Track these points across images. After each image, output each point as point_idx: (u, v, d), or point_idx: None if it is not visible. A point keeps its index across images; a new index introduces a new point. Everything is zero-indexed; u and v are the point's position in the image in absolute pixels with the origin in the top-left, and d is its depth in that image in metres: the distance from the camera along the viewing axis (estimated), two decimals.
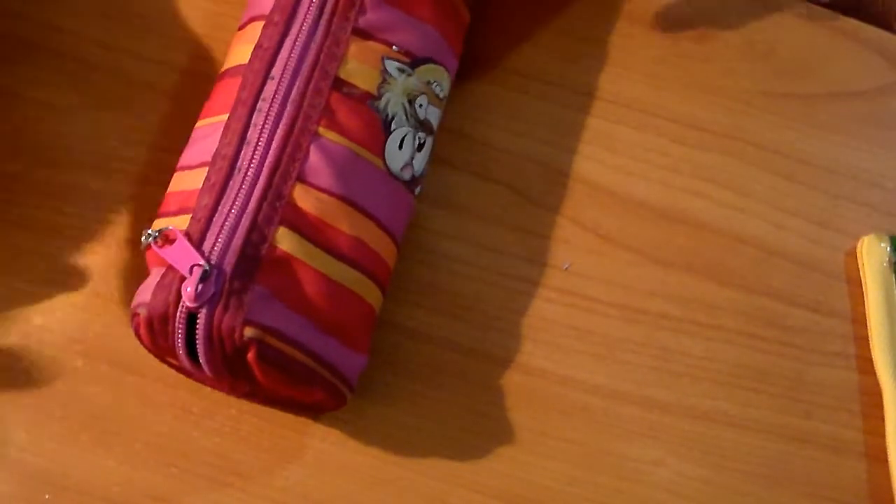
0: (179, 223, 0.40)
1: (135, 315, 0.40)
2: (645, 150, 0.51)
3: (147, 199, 0.46)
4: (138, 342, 0.41)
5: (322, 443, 0.45)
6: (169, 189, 0.42)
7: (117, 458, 0.44)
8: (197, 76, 0.49)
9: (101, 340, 0.45)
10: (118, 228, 0.47)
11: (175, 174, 0.43)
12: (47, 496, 0.43)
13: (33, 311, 0.46)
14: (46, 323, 0.45)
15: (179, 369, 0.43)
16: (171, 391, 0.45)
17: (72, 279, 0.46)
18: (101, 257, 0.46)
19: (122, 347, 0.45)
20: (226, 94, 0.42)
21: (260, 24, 0.43)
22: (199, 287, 0.37)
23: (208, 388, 0.45)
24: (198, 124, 0.43)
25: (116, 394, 0.45)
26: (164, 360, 0.43)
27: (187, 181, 0.41)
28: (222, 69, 0.44)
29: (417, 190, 0.45)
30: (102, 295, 0.46)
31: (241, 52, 0.43)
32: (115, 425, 0.44)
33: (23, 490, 0.43)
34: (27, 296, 0.46)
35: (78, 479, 0.43)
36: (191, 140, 0.43)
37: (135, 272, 0.46)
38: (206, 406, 0.45)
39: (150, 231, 0.40)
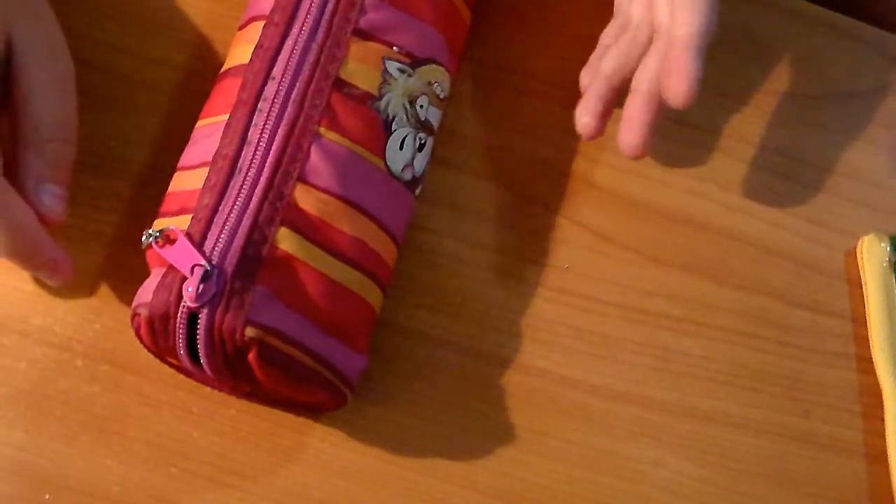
0: (180, 223, 0.40)
1: (135, 315, 0.40)
2: None
3: (147, 199, 0.46)
4: (138, 342, 0.41)
5: (322, 443, 0.45)
6: (169, 189, 0.42)
7: (117, 458, 0.44)
8: (197, 76, 0.49)
9: (101, 340, 0.45)
10: (118, 228, 0.47)
11: (175, 174, 0.43)
12: (47, 496, 0.43)
13: (33, 311, 0.45)
14: (46, 323, 0.45)
15: (180, 369, 0.43)
16: (171, 391, 0.45)
17: (72, 279, 0.46)
18: (101, 257, 0.46)
19: (122, 347, 0.45)
20: (226, 94, 0.42)
21: (260, 25, 0.43)
22: (201, 287, 0.37)
23: (208, 388, 0.45)
24: (198, 124, 0.43)
25: (116, 394, 0.45)
26: (164, 361, 0.43)
27: (188, 181, 0.41)
28: (223, 69, 0.44)
29: (418, 190, 0.45)
30: (102, 295, 0.46)
31: (241, 53, 0.43)
32: (115, 425, 0.44)
33: (23, 490, 0.43)
34: (27, 296, 0.46)
35: (78, 479, 0.43)
36: (191, 140, 0.43)
37: (135, 272, 0.46)
38: (206, 406, 0.45)
39: (150, 231, 0.40)
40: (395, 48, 0.43)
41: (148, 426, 0.44)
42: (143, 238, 0.40)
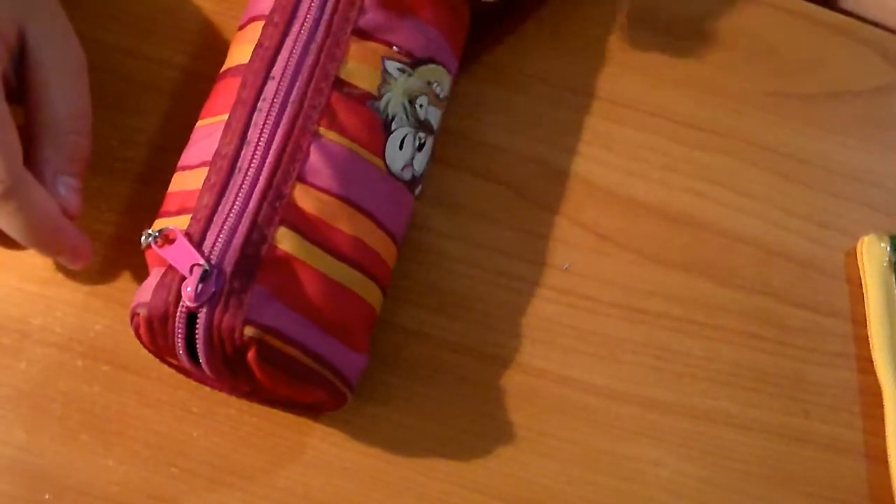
0: (180, 223, 0.39)
1: (134, 315, 0.40)
2: (645, 150, 0.51)
3: (147, 199, 0.46)
4: (138, 342, 0.41)
5: (322, 443, 0.45)
6: (169, 189, 0.42)
7: (117, 458, 0.44)
8: (197, 76, 0.49)
9: (101, 340, 0.45)
10: (118, 228, 0.47)
11: (175, 174, 0.43)
12: (47, 496, 0.43)
13: (33, 311, 0.45)
14: (46, 323, 0.45)
15: (179, 369, 0.43)
16: (171, 391, 0.45)
17: (72, 279, 0.46)
18: (101, 257, 0.46)
19: (122, 347, 0.45)
20: (226, 93, 0.42)
21: (260, 24, 0.43)
22: (199, 287, 0.37)
23: (208, 388, 0.45)
24: (198, 124, 0.43)
25: (116, 394, 0.45)
26: (163, 360, 0.43)
27: (187, 181, 0.41)
28: (222, 69, 0.44)
29: (418, 190, 0.45)
30: (102, 295, 0.46)
31: (241, 52, 0.43)
32: (115, 425, 0.44)
33: (23, 490, 0.43)
34: (27, 296, 0.46)
35: (78, 479, 0.43)
36: (191, 140, 0.43)
37: (135, 272, 0.46)
38: (206, 406, 0.45)
39: (150, 231, 0.40)
40: (394, 48, 0.43)
41: (148, 426, 0.44)
42: (143, 238, 0.40)
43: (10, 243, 0.42)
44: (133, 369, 0.45)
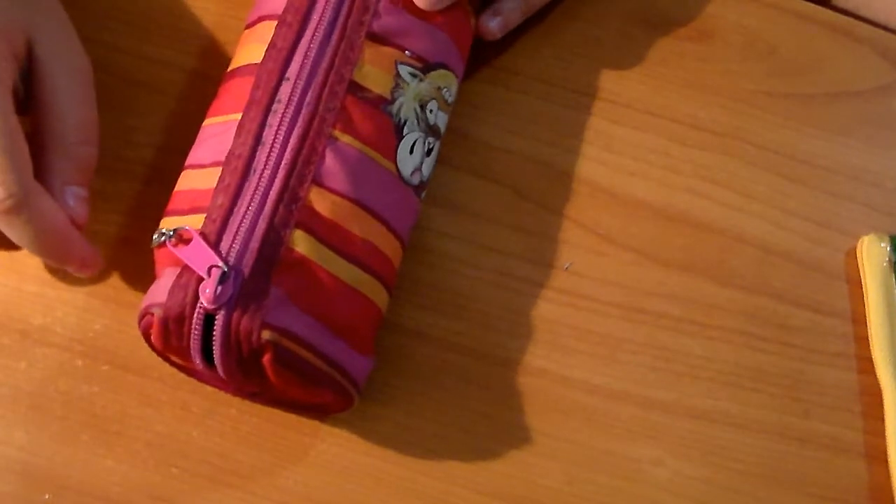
0: (192, 222, 0.39)
1: (146, 315, 0.39)
2: (645, 150, 0.51)
3: (148, 200, 0.46)
4: (138, 342, 0.41)
5: (323, 443, 0.45)
6: (177, 187, 0.42)
7: (117, 458, 0.44)
8: (198, 76, 0.49)
9: (101, 340, 0.45)
10: (119, 229, 0.47)
11: (184, 172, 0.42)
12: (47, 496, 0.43)
13: (33, 311, 0.45)
14: (46, 323, 0.45)
15: (182, 368, 0.43)
16: (171, 391, 0.45)
17: (72, 279, 0.46)
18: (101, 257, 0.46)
19: (122, 347, 0.45)
20: (237, 92, 0.42)
21: (271, 24, 0.42)
22: (219, 289, 0.37)
23: (209, 388, 0.45)
24: (206, 122, 0.43)
25: (116, 394, 0.45)
26: (166, 359, 0.43)
27: (198, 180, 0.41)
28: (230, 67, 0.44)
29: (423, 195, 0.45)
30: (102, 295, 0.46)
31: (252, 51, 0.43)
32: (115, 425, 0.44)
33: (23, 490, 0.43)
34: (27, 296, 0.46)
35: (78, 479, 0.43)
36: (199, 138, 0.43)
37: (136, 272, 0.46)
38: (206, 406, 0.45)
39: (163, 230, 0.39)
40: (407, 52, 0.43)
41: (148, 426, 0.44)
42: (155, 237, 0.39)
43: (10, 244, 0.42)
44: (133, 369, 0.45)
